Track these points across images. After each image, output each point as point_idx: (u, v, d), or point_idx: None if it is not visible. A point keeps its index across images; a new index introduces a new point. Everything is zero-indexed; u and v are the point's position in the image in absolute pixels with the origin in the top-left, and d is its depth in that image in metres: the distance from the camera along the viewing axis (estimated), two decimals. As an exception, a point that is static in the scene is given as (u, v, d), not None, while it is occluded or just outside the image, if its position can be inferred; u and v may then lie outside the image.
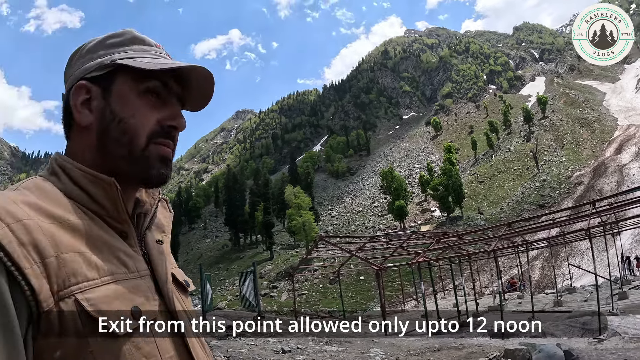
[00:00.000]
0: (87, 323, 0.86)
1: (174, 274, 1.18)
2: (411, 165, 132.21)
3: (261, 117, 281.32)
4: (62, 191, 0.99)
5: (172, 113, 1.09)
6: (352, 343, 14.74)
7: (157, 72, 1.05)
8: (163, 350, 0.98)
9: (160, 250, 1.15)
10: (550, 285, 36.45)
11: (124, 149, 1.04)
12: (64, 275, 0.85)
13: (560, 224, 22.85)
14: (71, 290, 0.85)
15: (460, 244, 28.00)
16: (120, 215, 1.03)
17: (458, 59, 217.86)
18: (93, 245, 0.94)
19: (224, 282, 72.75)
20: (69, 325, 0.84)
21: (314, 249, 28.20)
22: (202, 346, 1.13)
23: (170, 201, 1.27)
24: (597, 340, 12.78)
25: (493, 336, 16.20)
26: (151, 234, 1.17)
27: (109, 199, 1.01)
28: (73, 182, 1.01)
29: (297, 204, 76.31)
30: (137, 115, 1.05)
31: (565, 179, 77.94)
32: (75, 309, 0.85)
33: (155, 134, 1.05)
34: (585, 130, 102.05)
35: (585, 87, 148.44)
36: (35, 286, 0.81)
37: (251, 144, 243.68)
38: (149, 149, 1.05)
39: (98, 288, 0.89)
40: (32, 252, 0.83)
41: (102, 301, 0.88)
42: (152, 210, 1.20)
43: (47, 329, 0.83)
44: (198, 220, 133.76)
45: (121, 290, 0.94)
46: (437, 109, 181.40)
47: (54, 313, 0.83)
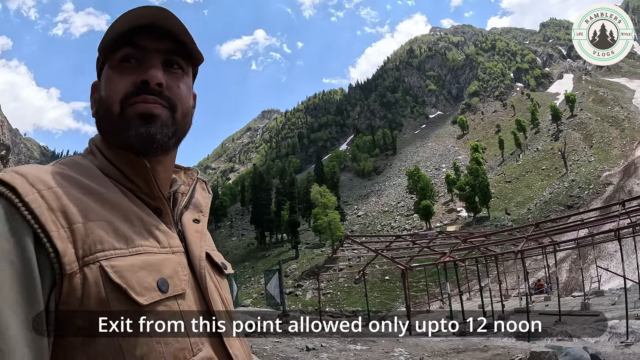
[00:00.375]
0: (111, 290, 0.86)
1: (210, 254, 1.17)
2: (437, 165, 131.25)
3: (287, 116, 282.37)
4: (99, 168, 1.03)
5: (144, 69, 1.05)
6: (376, 342, 14.81)
7: (130, 38, 1.05)
8: (190, 325, 0.97)
9: (196, 229, 1.16)
10: (578, 288, 35.87)
11: (106, 122, 1.06)
12: (91, 242, 0.87)
13: (588, 225, 22.51)
14: (97, 256, 0.87)
15: (486, 244, 27.80)
16: (153, 193, 1.05)
17: (484, 56, 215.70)
18: (124, 218, 0.96)
19: (249, 280, 73.25)
20: (92, 291, 0.85)
21: (339, 248, 28.22)
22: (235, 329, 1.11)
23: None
24: (625, 344, 12.65)
25: (519, 338, 16.12)
26: (188, 213, 1.19)
27: (141, 177, 1.04)
28: (108, 161, 1.05)
29: (323, 203, 76.47)
30: (110, 85, 1.05)
31: (594, 179, 76.45)
32: (99, 275, 0.86)
33: (128, 96, 1.03)
34: (614, 128, 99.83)
35: (614, 84, 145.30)
36: (59, 249, 0.83)
37: (277, 143, 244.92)
38: (126, 112, 1.03)
39: (125, 257, 0.90)
40: (60, 218, 0.86)
41: (127, 270, 0.89)
42: (189, 190, 1.23)
43: (70, 293, 0.84)
44: (224, 218, 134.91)
45: (149, 262, 0.94)
46: (463, 108, 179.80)
47: (78, 278, 0.84)
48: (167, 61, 1.09)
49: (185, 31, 1.08)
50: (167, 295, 0.94)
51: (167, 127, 1.06)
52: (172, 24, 1.06)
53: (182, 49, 1.11)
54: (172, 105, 1.07)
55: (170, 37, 1.08)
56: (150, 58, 1.06)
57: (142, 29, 1.05)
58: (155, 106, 1.04)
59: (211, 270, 1.14)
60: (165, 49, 1.08)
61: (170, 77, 1.09)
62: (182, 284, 0.99)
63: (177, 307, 0.96)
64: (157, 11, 1.04)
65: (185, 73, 1.14)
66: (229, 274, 1.20)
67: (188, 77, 1.16)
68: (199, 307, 1.03)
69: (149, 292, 0.91)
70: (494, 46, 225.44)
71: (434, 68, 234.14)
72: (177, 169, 1.26)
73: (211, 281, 1.10)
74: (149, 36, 1.06)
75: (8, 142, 36.76)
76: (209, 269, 1.13)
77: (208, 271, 1.11)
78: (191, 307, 1.00)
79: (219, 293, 1.12)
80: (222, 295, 1.13)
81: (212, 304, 1.05)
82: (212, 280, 1.12)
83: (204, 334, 1.00)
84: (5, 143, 35.25)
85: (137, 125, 1.02)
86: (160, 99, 1.05)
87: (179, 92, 1.10)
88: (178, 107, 1.09)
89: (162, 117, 1.05)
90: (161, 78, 1.05)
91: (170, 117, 1.07)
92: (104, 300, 0.86)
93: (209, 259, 1.16)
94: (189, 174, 1.28)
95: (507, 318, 21.49)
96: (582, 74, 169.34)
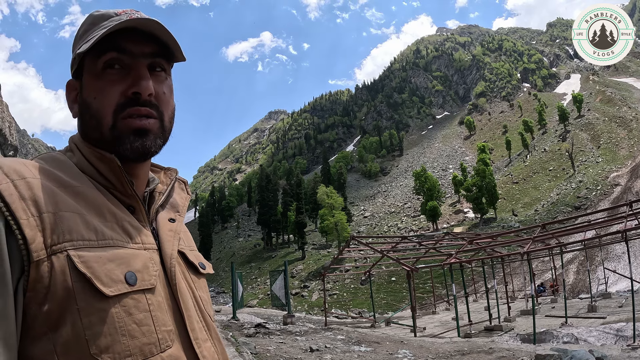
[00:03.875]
0: (77, 280, 0.87)
1: (185, 253, 1.18)
2: (444, 166, 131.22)
3: (294, 117, 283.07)
4: (76, 165, 1.06)
5: (134, 79, 1.06)
6: (380, 344, 14.78)
7: (114, 41, 1.05)
8: (159, 321, 0.97)
9: (170, 227, 1.17)
10: (585, 289, 35.75)
11: (96, 132, 1.07)
12: (60, 231, 0.89)
13: (595, 226, 22.34)
14: (64, 245, 0.88)
15: (493, 245, 27.67)
16: (126, 190, 1.07)
17: (491, 57, 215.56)
18: (97, 212, 0.98)
19: (255, 280, 73.36)
20: (59, 279, 0.86)
21: (345, 249, 28.16)
22: (206, 327, 1.12)
23: (203, 199, 1.32)
24: (631, 347, 12.54)
25: (524, 341, 16.04)
26: (165, 212, 1.21)
27: (113, 174, 1.05)
28: (85, 158, 1.07)
29: (329, 204, 76.51)
30: (99, 95, 1.05)
31: (601, 180, 75.91)
32: (66, 264, 0.87)
33: (121, 107, 1.05)
34: (622, 129, 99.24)
35: (621, 84, 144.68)
36: (28, 236, 0.85)
37: (284, 144, 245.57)
38: (118, 125, 1.04)
39: (94, 249, 0.92)
40: (31, 207, 0.88)
41: (94, 260, 0.90)
42: (167, 190, 1.24)
43: (37, 280, 0.85)
44: (231, 219, 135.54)
45: (118, 255, 0.95)
46: (470, 109, 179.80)
47: (45, 265, 0.86)
48: (151, 64, 1.10)
49: (168, 34, 1.10)
50: (135, 289, 0.94)
51: (159, 137, 1.09)
52: (154, 26, 1.07)
53: (165, 50, 1.12)
54: (160, 113, 1.10)
55: (152, 39, 1.09)
56: (137, 64, 1.07)
57: (124, 32, 1.05)
58: (149, 122, 1.06)
59: (185, 269, 1.15)
60: (150, 52, 1.09)
61: (156, 82, 1.10)
62: (152, 279, 0.99)
63: (145, 302, 0.96)
64: (151, 20, 1.06)
65: (167, 75, 1.15)
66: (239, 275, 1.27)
67: (170, 77, 1.17)
68: (169, 304, 1.03)
69: (115, 283, 0.91)
70: (501, 46, 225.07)
71: (441, 68, 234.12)
72: (157, 169, 1.28)
73: (183, 279, 1.10)
74: (132, 40, 1.07)
75: (16, 142, 36.98)
76: (183, 267, 1.14)
77: (181, 269, 1.12)
78: (161, 303, 1.00)
79: (191, 292, 1.12)
80: (195, 294, 1.13)
81: (181, 302, 1.05)
82: (185, 278, 1.12)
83: (173, 331, 1.00)
84: (13, 144, 35.46)
85: (132, 140, 1.04)
86: (151, 108, 1.07)
87: (165, 98, 1.12)
88: (165, 114, 1.12)
89: (154, 130, 1.07)
90: (152, 88, 1.06)
91: (160, 127, 1.09)
92: (69, 289, 0.86)
93: (184, 258, 1.17)
94: (168, 174, 1.29)
95: (513, 320, 21.43)
96: (590, 74, 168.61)
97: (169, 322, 1.00)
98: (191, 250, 1.22)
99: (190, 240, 1.26)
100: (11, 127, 35.85)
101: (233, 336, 12.52)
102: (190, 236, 1.28)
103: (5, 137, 33.76)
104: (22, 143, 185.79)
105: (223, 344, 1.18)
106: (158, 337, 0.96)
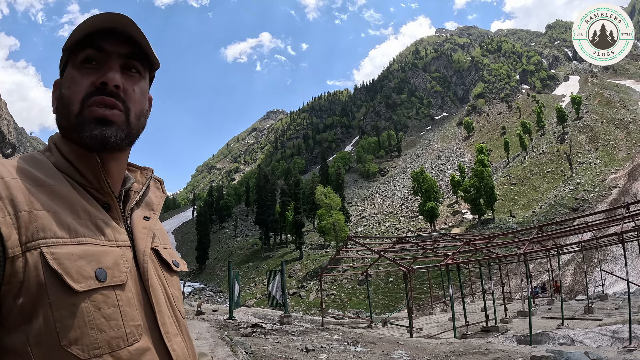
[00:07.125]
0: (49, 275, 0.92)
1: (159, 251, 1.22)
2: (442, 167, 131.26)
3: (292, 117, 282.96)
4: (54, 164, 1.10)
5: (104, 71, 1.12)
6: (376, 344, 14.75)
7: (93, 40, 1.12)
8: (127, 316, 1.01)
9: (144, 225, 1.21)
10: (582, 291, 35.74)
11: (65, 119, 1.12)
12: (34, 229, 0.94)
13: (592, 228, 22.36)
14: (38, 243, 0.93)
15: (490, 246, 27.66)
16: (103, 188, 1.11)
17: (490, 58, 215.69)
18: (71, 209, 1.02)
19: (253, 280, 73.25)
20: (32, 275, 0.91)
21: (342, 249, 28.14)
22: (177, 322, 1.17)
23: (201, 199, 1.34)
24: (627, 349, 12.53)
25: (520, 342, 16.04)
26: (139, 210, 1.25)
27: (91, 172, 1.10)
28: (63, 157, 1.12)
29: (327, 204, 76.38)
30: (72, 85, 1.12)
31: (599, 182, 75.95)
32: (39, 260, 0.92)
33: (88, 96, 1.09)
34: (620, 131, 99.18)
35: (620, 86, 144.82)
36: (4, 233, 0.90)
37: (282, 144, 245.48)
38: (83, 113, 1.09)
39: (66, 246, 0.96)
40: (8, 205, 0.93)
41: (66, 257, 0.95)
42: (142, 188, 1.28)
43: (12, 275, 0.91)
44: (229, 218, 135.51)
45: (89, 252, 0.99)
46: (469, 110, 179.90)
47: (20, 262, 0.91)
48: (126, 65, 1.16)
49: (143, 37, 1.16)
50: (105, 285, 0.98)
51: (122, 129, 1.12)
52: (132, 30, 1.13)
53: (140, 54, 1.18)
54: (126, 107, 1.14)
55: (130, 42, 1.15)
56: (110, 61, 1.13)
57: (104, 32, 1.12)
58: (112, 112, 1.10)
59: (158, 266, 1.19)
60: (125, 52, 1.15)
61: (128, 80, 1.15)
62: (122, 275, 1.04)
63: (115, 297, 1.00)
64: (120, 17, 1.11)
65: (142, 77, 1.20)
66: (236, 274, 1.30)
67: (144, 81, 1.22)
68: (139, 300, 1.07)
69: (85, 280, 0.95)
70: (500, 48, 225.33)
71: (440, 69, 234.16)
72: (134, 168, 1.32)
73: (155, 276, 1.15)
74: (110, 40, 1.13)
75: (14, 140, 37.04)
76: (156, 264, 1.18)
77: (154, 266, 1.16)
78: (130, 298, 1.04)
79: (163, 288, 1.16)
80: (167, 290, 1.18)
81: (152, 297, 1.10)
82: (158, 275, 1.17)
83: (142, 326, 1.05)
84: (11, 141, 35.52)
85: (93, 128, 1.08)
86: (117, 100, 1.12)
87: (134, 95, 1.16)
88: (132, 110, 1.15)
89: (117, 121, 1.11)
90: (119, 80, 1.12)
91: (124, 121, 1.13)
92: (42, 284, 0.91)
93: (158, 255, 1.21)
94: (144, 173, 1.33)
95: (509, 321, 21.42)
96: (588, 76, 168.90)
97: (138, 317, 1.04)
98: (165, 248, 1.26)
99: (165, 238, 1.30)
100: (9, 125, 35.92)
101: (229, 335, 12.51)
102: (166, 234, 1.32)
103: (4, 135, 33.84)
104: (20, 141, 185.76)
105: (192, 340, 1.23)
106: (126, 331, 1.00)
